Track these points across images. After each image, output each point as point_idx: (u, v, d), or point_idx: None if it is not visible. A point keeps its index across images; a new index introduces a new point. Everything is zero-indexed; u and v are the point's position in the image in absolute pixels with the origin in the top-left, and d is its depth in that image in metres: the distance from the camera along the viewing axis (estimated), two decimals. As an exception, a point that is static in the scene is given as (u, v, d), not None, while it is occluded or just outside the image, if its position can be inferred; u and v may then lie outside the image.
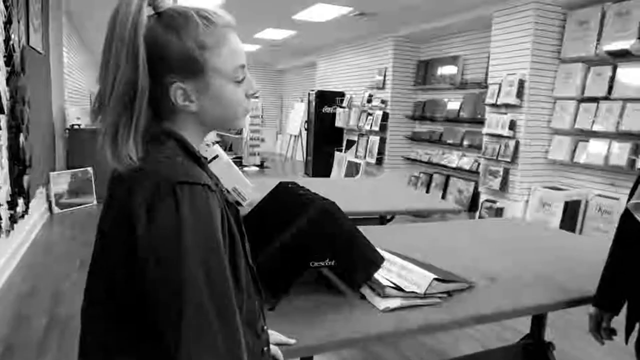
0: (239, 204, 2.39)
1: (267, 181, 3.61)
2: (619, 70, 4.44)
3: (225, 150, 11.18)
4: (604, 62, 4.55)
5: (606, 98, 4.49)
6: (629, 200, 1.19)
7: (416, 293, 1.23)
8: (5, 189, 3.40)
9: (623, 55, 4.35)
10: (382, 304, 1.20)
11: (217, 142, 11.28)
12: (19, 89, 3.85)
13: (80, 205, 5.74)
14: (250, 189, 2.41)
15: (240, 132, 10.16)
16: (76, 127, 5.96)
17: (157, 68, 0.73)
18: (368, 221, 2.96)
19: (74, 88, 6.82)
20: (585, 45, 4.62)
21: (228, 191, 2.36)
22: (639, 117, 4.18)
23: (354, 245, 1.21)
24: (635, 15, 4.22)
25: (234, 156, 10.32)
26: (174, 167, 0.71)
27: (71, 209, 5.62)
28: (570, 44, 4.79)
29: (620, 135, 4.37)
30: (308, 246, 1.13)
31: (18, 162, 3.83)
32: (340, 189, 3.27)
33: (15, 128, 3.73)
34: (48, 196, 5.43)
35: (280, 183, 1.49)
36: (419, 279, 1.26)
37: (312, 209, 1.16)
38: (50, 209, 5.42)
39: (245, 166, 9.84)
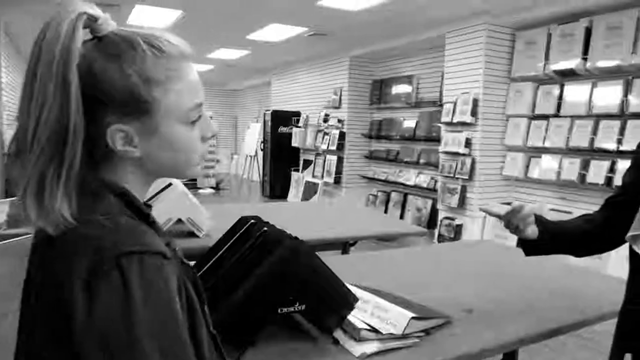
0: (194, 234, 2.25)
1: (225, 208, 3.46)
2: (566, 88, 4.59)
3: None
4: (552, 81, 4.70)
5: (556, 115, 4.63)
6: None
7: (393, 334, 1.14)
8: None
9: (569, 74, 4.51)
10: (357, 349, 1.10)
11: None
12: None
13: (22, 236, 5.35)
14: (206, 218, 2.28)
15: (194, 154, 9.89)
16: (17, 152, 5.59)
17: (93, 105, 0.60)
18: (329, 248, 2.86)
19: (15, 110, 6.43)
20: (534, 64, 4.76)
21: (182, 221, 2.21)
22: (586, 133, 4.32)
23: (326, 286, 1.11)
24: (578, 36, 4.39)
25: (187, 179, 10.03)
26: (118, 232, 0.58)
27: (10, 240, 5.22)
28: (520, 64, 4.92)
29: (570, 151, 4.49)
30: (276, 291, 1.02)
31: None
32: (299, 214, 3.16)
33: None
34: (-15, 227, 5.03)
35: (242, 218, 1.37)
36: (395, 319, 1.17)
37: (279, 250, 1.05)
38: (-13, 241, 5.02)
39: (200, 188, 9.58)
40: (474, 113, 4.95)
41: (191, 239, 2.22)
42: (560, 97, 4.61)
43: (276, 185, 8.79)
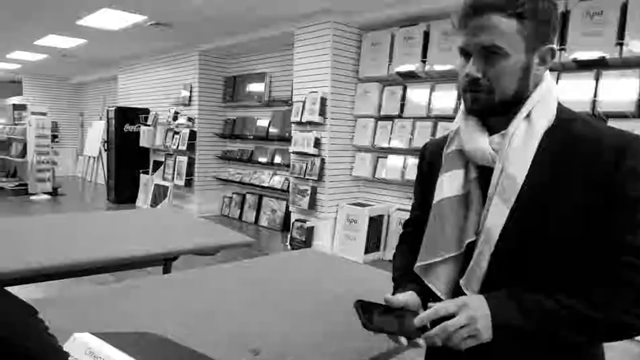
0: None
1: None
2: (408, 90, 4.68)
3: (7, 176, 9.45)
4: (396, 83, 4.76)
5: (399, 116, 4.69)
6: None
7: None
8: None
9: (411, 77, 4.60)
10: None
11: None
12: None
13: None
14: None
15: (24, 155, 8.63)
16: None
17: None
18: (148, 264, 2.46)
19: None
20: (379, 65, 4.79)
21: None
22: (427, 134, 4.43)
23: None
24: (418, 40, 4.49)
25: (17, 184, 8.74)
26: None
27: None
28: (366, 64, 4.93)
29: (413, 151, 4.58)
30: None
31: None
32: (112, 226, 2.70)
33: None
34: None
35: None
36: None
37: None
38: None
39: (33, 194, 8.36)
40: (322, 112, 4.84)
41: None
42: (404, 98, 4.69)
43: (123, 189, 7.97)
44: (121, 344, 1.07)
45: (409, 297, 0.95)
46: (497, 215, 0.87)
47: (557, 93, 0.94)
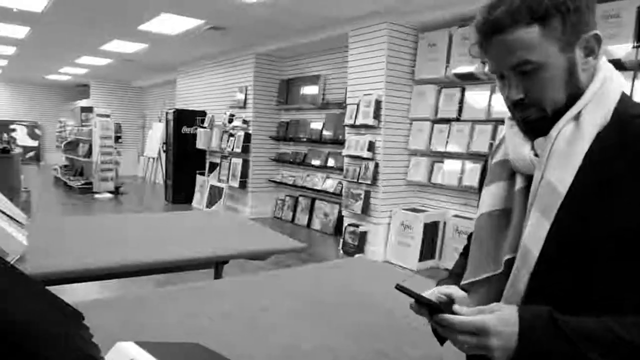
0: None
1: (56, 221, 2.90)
2: (467, 92, 4.49)
3: (77, 175, 9.94)
4: (453, 84, 4.59)
5: (457, 119, 4.52)
6: None
7: None
8: None
9: (470, 78, 4.41)
10: None
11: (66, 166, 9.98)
12: None
13: None
14: (15, 242, 1.79)
15: (89, 155, 9.05)
16: None
17: None
18: (199, 268, 2.46)
19: None
20: (436, 67, 4.63)
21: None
22: (486, 138, 4.23)
23: None
24: (479, 38, 4.30)
25: (83, 182, 9.17)
26: None
27: None
28: (422, 66, 4.78)
29: (472, 156, 4.40)
30: None
31: None
32: (166, 228, 2.73)
33: None
34: None
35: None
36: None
37: None
38: None
39: (97, 193, 8.75)
40: (376, 115, 4.74)
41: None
42: (462, 100, 4.51)
43: (181, 190, 8.18)
44: (165, 356, 1.03)
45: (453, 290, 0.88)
46: (535, 230, 0.77)
47: (620, 84, 0.80)
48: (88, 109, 10.06)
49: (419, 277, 2.25)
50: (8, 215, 2.05)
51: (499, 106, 4.19)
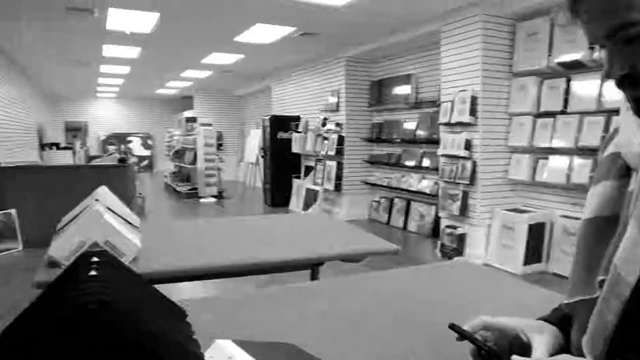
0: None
1: (171, 227, 3.11)
2: (573, 82, 4.16)
3: (184, 181, 10.67)
4: (557, 75, 4.27)
5: (563, 112, 4.20)
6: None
7: None
8: None
9: (576, 67, 4.08)
10: None
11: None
12: None
13: (2, 252, 5.15)
14: (130, 243, 1.95)
15: (194, 162, 9.66)
16: (-4, 166, 5.40)
17: None
18: (296, 269, 2.52)
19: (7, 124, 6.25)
20: (537, 57, 4.34)
21: (98, 245, 1.89)
22: (597, 131, 3.88)
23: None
24: (587, 23, 3.96)
25: (190, 187, 9.81)
26: None
27: (-7, 257, 5.02)
28: (521, 57, 4.51)
29: (581, 151, 4.06)
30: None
31: None
32: (264, 230, 2.83)
33: None
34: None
35: (83, 255, 1.03)
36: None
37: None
38: (-36, 259, 4.82)
39: (202, 197, 9.32)
40: (472, 112, 4.55)
41: (112, 266, 1.90)
42: (567, 92, 4.18)
43: (278, 193, 8.46)
44: (261, 355, 1.06)
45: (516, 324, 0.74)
46: (631, 247, 0.57)
47: None
48: (192, 119, 10.75)
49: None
50: (125, 219, 2.24)
51: (612, 95, 3.82)
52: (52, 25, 5.49)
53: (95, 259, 1.06)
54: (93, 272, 0.94)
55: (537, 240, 4.40)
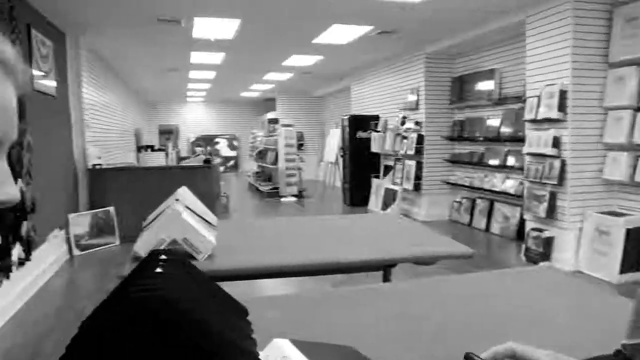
0: (192, 257, 2.02)
1: (243, 225, 3.19)
2: (680, 71, 3.76)
3: (266, 180, 11.01)
4: (661, 64, 3.88)
5: (667, 105, 3.81)
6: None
7: None
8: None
9: (684, 54, 3.68)
10: None
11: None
12: (14, 134, 3.73)
13: (102, 246, 5.61)
14: (206, 241, 2.04)
15: (275, 162, 9.92)
16: (97, 167, 5.89)
17: None
18: (368, 270, 2.51)
19: (98, 127, 6.80)
20: (638, 44, 3.96)
21: (175, 241, 2.00)
22: None
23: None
24: (696, 5, 3.57)
25: (271, 187, 10.09)
26: None
27: (92, 250, 5.48)
28: (619, 45, 4.14)
29: (689, 148, 3.66)
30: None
31: (14, 209, 3.69)
32: (339, 229, 2.83)
33: (8, 174, 3.58)
34: (68, 239, 5.32)
35: (151, 253, 1.09)
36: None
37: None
38: (70, 251, 5.31)
39: (283, 197, 9.55)
40: (561, 107, 4.25)
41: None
42: (673, 82, 3.79)
43: (357, 192, 8.45)
44: (317, 356, 1.06)
45: None
46: None
47: None
48: (274, 120, 11.05)
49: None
50: (202, 218, 2.35)
51: None
52: (146, 36, 5.89)
53: (163, 256, 1.12)
54: (158, 269, 0.99)
55: (636, 246, 4.03)
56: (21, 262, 3.86)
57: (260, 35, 5.96)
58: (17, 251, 3.76)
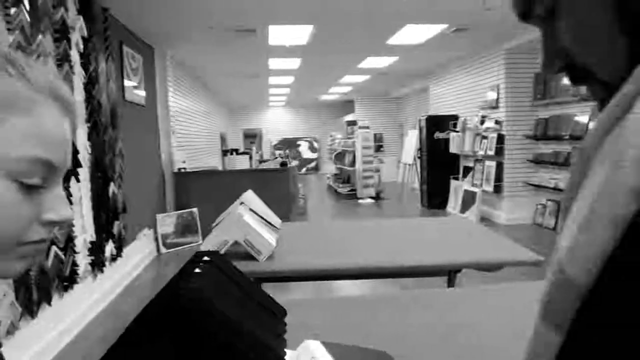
0: (253, 257, 2.11)
1: (305, 226, 3.24)
2: None
3: (345, 182, 11.10)
4: None
5: None
6: None
7: None
8: (82, 238, 3.56)
9: None
10: None
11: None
12: (107, 142, 4.09)
13: (186, 244, 5.97)
14: (267, 243, 2.12)
15: (353, 164, 9.97)
16: (182, 170, 6.28)
17: None
18: (432, 275, 2.48)
19: (184, 132, 7.25)
20: None
21: (237, 243, 2.10)
22: None
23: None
24: None
25: (349, 189, 10.15)
26: None
27: (177, 248, 5.86)
28: None
29: None
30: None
31: (107, 210, 4.04)
32: (403, 234, 2.81)
33: (102, 178, 3.94)
34: (156, 237, 5.73)
35: (195, 255, 1.18)
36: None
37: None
38: (157, 249, 5.71)
39: (360, 199, 9.58)
40: (656, 102, 3.89)
41: (250, 261, 2.10)
42: None
43: (435, 194, 8.27)
44: (345, 358, 1.08)
45: None
46: None
47: None
48: (352, 123, 11.11)
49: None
50: (266, 221, 2.44)
51: None
52: (226, 46, 6.19)
53: (206, 258, 1.20)
54: (197, 270, 1.07)
55: None
56: (113, 258, 4.23)
57: (334, 39, 6.03)
58: (109, 248, 4.13)
